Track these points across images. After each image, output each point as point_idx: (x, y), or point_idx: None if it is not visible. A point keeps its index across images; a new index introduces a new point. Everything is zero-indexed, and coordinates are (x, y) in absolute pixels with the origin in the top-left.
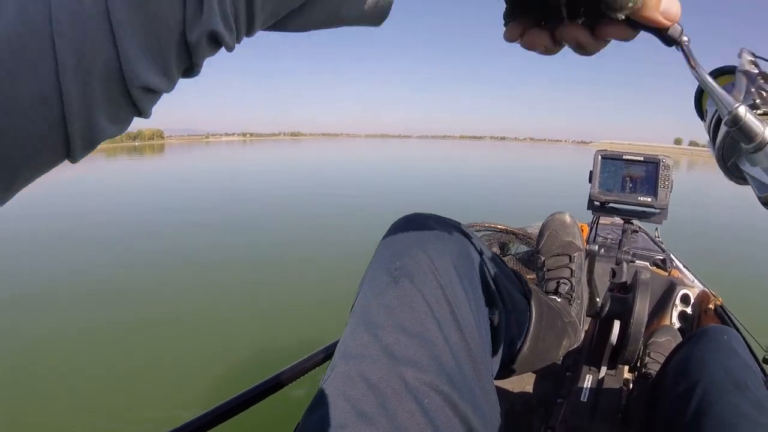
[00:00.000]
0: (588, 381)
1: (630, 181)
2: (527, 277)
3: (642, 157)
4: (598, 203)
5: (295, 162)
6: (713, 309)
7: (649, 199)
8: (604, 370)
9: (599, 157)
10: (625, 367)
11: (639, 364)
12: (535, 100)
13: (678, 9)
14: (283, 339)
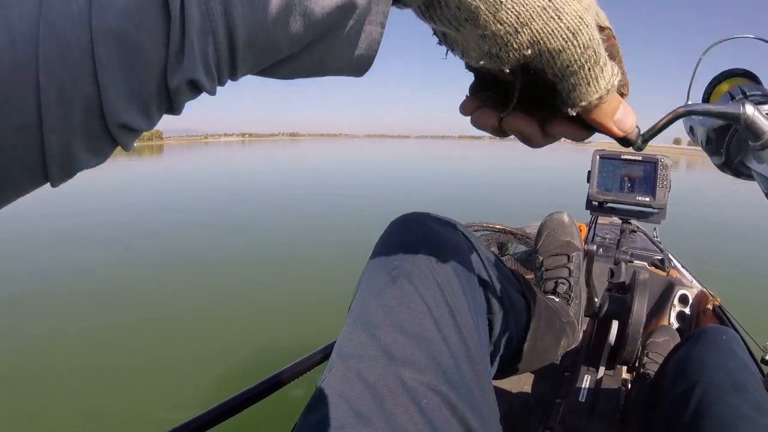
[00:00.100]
0: (586, 381)
1: (628, 181)
2: (525, 277)
3: (640, 157)
4: (597, 203)
5: (294, 162)
6: (711, 309)
7: (647, 198)
8: (602, 370)
9: (597, 156)
10: (624, 367)
11: (637, 365)
12: None
13: (633, 122)
14: (282, 339)
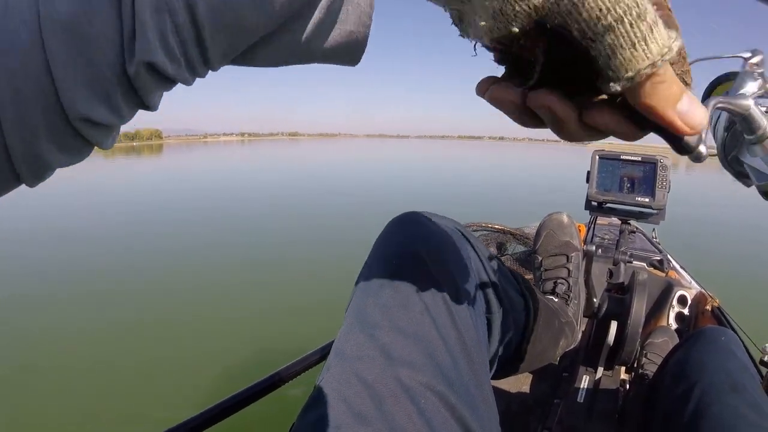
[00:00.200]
0: (585, 381)
1: (628, 182)
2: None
3: (640, 158)
4: (596, 203)
5: (294, 162)
6: (710, 310)
7: (646, 199)
8: (600, 370)
9: (597, 157)
10: (622, 367)
11: (636, 365)
12: None
13: (703, 118)
14: (281, 338)
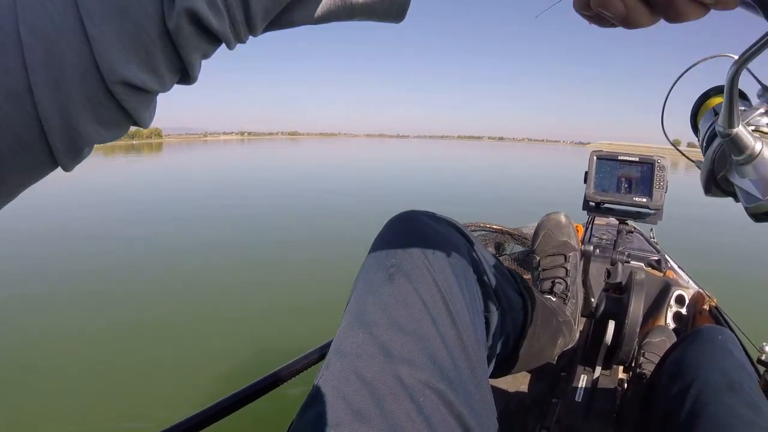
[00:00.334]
0: (583, 381)
1: (625, 182)
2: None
3: (637, 158)
4: (594, 204)
5: (293, 161)
6: (708, 310)
7: (644, 199)
8: (598, 370)
9: (594, 157)
10: (620, 367)
11: (634, 365)
12: (533, 101)
13: None
14: (282, 339)
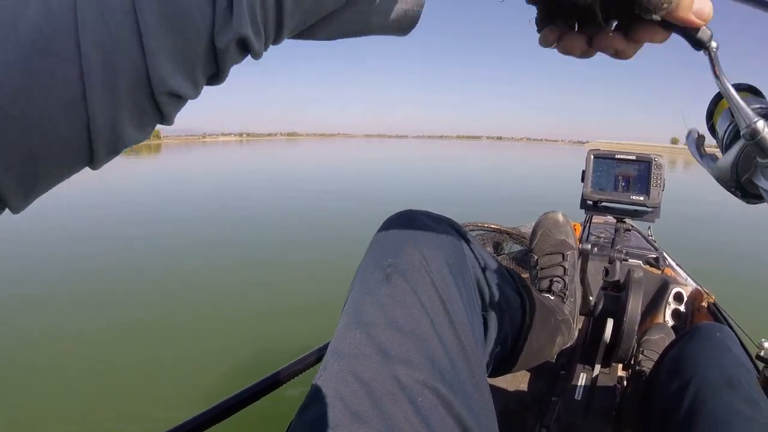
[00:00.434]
0: (582, 379)
1: (622, 180)
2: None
3: (634, 157)
4: (591, 202)
5: (293, 162)
6: (706, 307)
7: (641, 198)
8: (597, 368)
9: (592, 156)
10: (619, 365)
11: (633, 362)
12: (532, 100)
13: (710, 10)
14: (282, 339)
